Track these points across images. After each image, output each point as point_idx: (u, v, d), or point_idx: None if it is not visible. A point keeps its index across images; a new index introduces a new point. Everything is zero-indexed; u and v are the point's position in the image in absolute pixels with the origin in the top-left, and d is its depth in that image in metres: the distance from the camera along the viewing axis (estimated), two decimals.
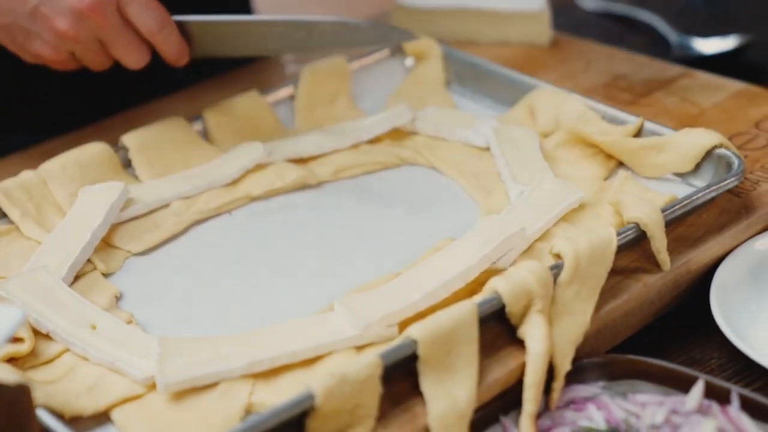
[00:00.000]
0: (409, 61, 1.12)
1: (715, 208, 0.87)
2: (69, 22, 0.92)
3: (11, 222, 0.90)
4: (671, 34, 1.27)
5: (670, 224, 0.83)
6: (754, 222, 0.86)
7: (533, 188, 0.87)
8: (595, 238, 0.78)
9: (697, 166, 0.90)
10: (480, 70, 1.07)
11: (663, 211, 0.82)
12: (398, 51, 1.12)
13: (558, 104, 0.98)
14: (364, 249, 0.87)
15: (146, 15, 0.93)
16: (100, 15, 0.91)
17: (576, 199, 0.86)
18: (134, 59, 0.96)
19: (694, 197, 0.83)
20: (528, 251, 0.82)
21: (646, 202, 0.82)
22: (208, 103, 1.04)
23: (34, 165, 0.94)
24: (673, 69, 1.10)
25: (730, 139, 0.96)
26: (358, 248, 0.87)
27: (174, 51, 0.96)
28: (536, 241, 0.83)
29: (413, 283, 0.77)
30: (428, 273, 0.78)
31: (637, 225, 0.80)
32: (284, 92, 1.06)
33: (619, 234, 0.79)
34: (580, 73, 1.11)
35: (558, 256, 0.78)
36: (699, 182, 0.90)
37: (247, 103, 1.02)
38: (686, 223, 0.85)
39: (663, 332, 0.82)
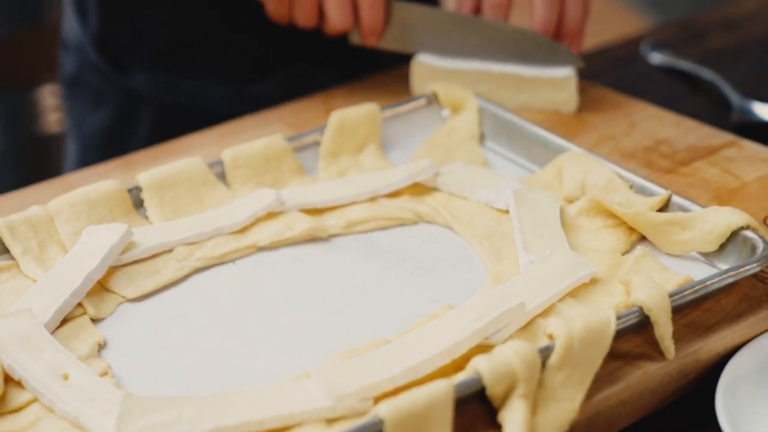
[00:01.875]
0: (446, 113, 1.09)
1: (735, 294, 0.82)
2: None
3: (13, 258, 0.89)
4: (734, 96, 1.21)
5: (681, 309, 0.78)
6: None
7: (543, 259, 0.83)
8: (592, 320, 0.74)
9: (723, 247, 0.85)
10: (514, 127, 1.03)
11: (672, 295, 0.77)
12: (434, 101, 1.09)
13: (586, 169, 0.94)
14: (361, 310, 0.83)
15: None
16: None
17: (586, 275, 0.82)
18: (339, 20, 1.07)
19: (709, 282, 0.79)
20: (528, 327, 0.78)
21: (654, 284, 0.77)
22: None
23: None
24: (722, 137, 1.05)
25: (765, 218, 0.91)
26: (356, 309, 0.84)
27: (374, 25, 1.08)
28: (538, 316, 0.79)
29: (397, 355, 0.73)
30: (415, 344, 0.74)
31: (641, 308, 0.76)
32: (313, 137, 1.03)
33: (620, 317, 0.75)
34: (622, 135, 1.06)
35: (551, 336, 0.74)
36: (723, 264, 0.85)
37: (269, 146, 1.00)
38: (702, 308, 0.81)
39: (665, 424, 0.78)
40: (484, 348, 0.75)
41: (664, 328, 0.76)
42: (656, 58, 1.35)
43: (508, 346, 0.72)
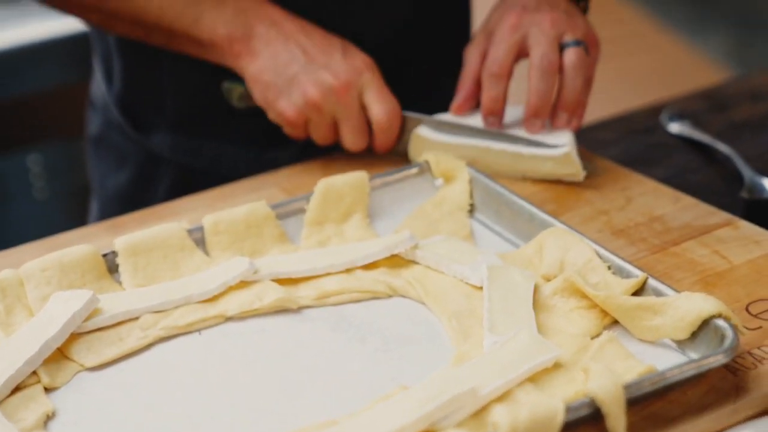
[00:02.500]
0: (439, 182, 1.07)
1: (703, 385, 0.79)
2: (319, 93, 1.06)
3: None
4: (746, 172, 1.18)
5: (640, 401, 0.75)
6: (741, 407, 0.77)
7: (506, 341, 0.81)
8: (538, 411, 0.71)
9: (695, 335, 0.82)
10: (502, 200, 1.01)
11: (630, 386, 0.74)
12: (427, 170, 1.08)
13: (566, 247, 0.92)
14: (319, 387, 0.82)
15: (379, 104, 1.08)
16: (346, 93, 1.07)
17: (548, 359, 0.79)
18: (355, 142, 1.10)
19: (669, 374, 0.76)
20: (482, 412, 0.76)
21: (610, 374, 0.75)
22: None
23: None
24: (719, 215, 1.01)
25: (749, 305, 0.88)
26: (314, 386, 0.82)
27: (387, 144, 1.11)
28: (494, 401, 0.77)
29: None
30: (359, 427, 0.73)
31: (593, 399, 0.73)
32: (298, 205, 1.02)
33: (571, 408, 0.72)
34: (616, 210, 1.04)
35: (495, 426, 0.71)
36: (694, 353, 0.82)
37: (251, 213, 0.99)
38: (665, 399, 0.78)
39: None
40: None
41: (616, 421, 0.73)
42: (675, 127, 1.32)
43: None
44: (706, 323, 0.81)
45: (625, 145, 1.29)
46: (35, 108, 2.15)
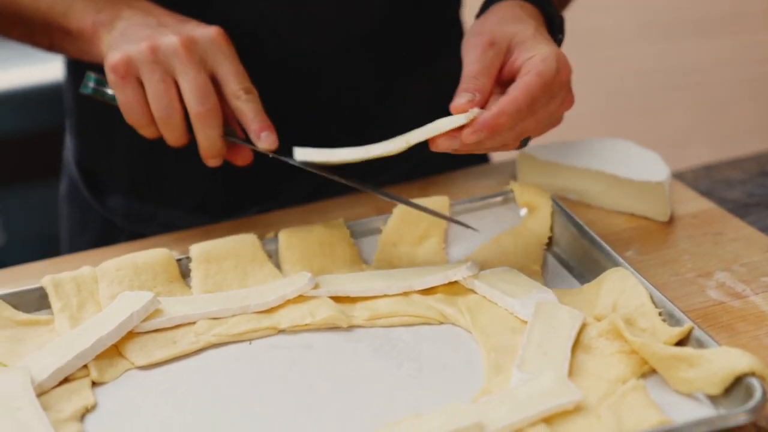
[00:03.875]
0: (523, 211, 1.07)
1: None
2: (153, 41, 0.96)
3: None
4: None
5: None
6: None
7: (529, 380, 0.80)
8: None
9: (728, 391, 0.78)
10: (577, 235, 0.99)
11: None
12: (512, 200, 1.07)
13: (623, 288, 0.90)
14: (339, 408, 0.83)
15: (230, 65, 0.98)
16: (186, 48, 0.96)
17: (567, 402, 0.78)
18: (198, 100, 0.96)
19: (675, 429, 0.73)
20: None
21: (616, 422, 0.73)
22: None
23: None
24: None
25: None
26: (336, 406, 0.83)
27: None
28: None
29: None
30: None
31: None
32: (375, 224, 1.04)
33: None
34: (700, 255, 1.00)
35: None
36: (726, 410, 0.78)
37: (325, 231, 1.01)
38: None
39: None
40: None
41: None
42: None
43: None
44: (739, 380, 0.77)
45: (752, 186, 1.24)
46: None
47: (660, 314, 0.87)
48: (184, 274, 0.99)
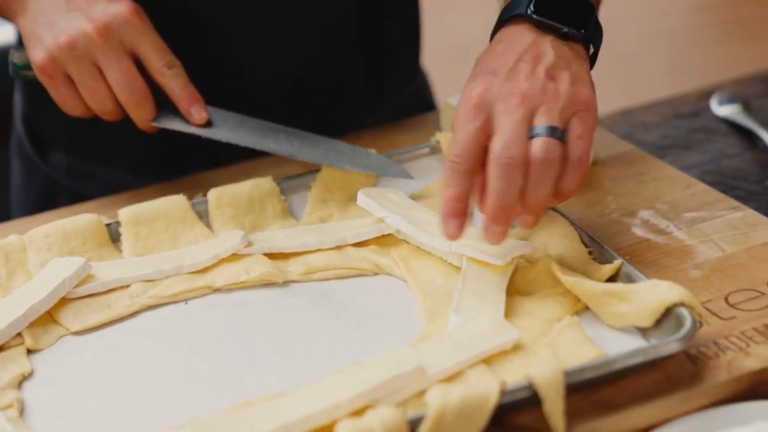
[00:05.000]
0: None
1: (658, 372, 0.78)
2: (69, 35, 0.97)
3: None
4: None
5: (584, 387, 0.75)
6: (692, 396, 0.76)
7: (466, 323, 0.81)
8: (471, 392, 0.72)
9: (659, 323, 0.80)
10: None
11: (572, 372, 0.74)
12: (439, 150, 1.08)
13: (552, 231, 0.91)
14: (280, 362, 0.84)
15: (152, 46, 0.99)
16: (103, 36, 0.97)
17: (504, 342, 0.79)
18: (128, 89, 0.99)
19: (614, 360, 0.75)
20: (425, 392, 0.76)
21: (552, 358, 0.74)
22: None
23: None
24: (726, 203, 0.99)
25: (729, 294, 0.86)
26: (276, 360, 0.84)
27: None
28: (444, 381, 0.77)
29: (276, 411, 0.73)
30: (299, 401, 0.74)
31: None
32: (304, 180, 1.04)
33: (507, 391, 0.73)
34: (623, 195, 1.02)
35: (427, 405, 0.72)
36: (657, 341, 0.80)
37: (255, 188, 1.01)
38: (617, 386, 0.77)
39: None
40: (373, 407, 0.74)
41: (552, 406, 0.73)
42: (723, 111, 1.29)
43: (376, 412, 0.71)
44: (670, 311, 0.80)
45: (666, 128, 1.27)
46: None
47: (590, 253, 0.89)
48: (114, 238, 0.98)
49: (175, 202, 1.00)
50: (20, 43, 1.06)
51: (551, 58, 0.86)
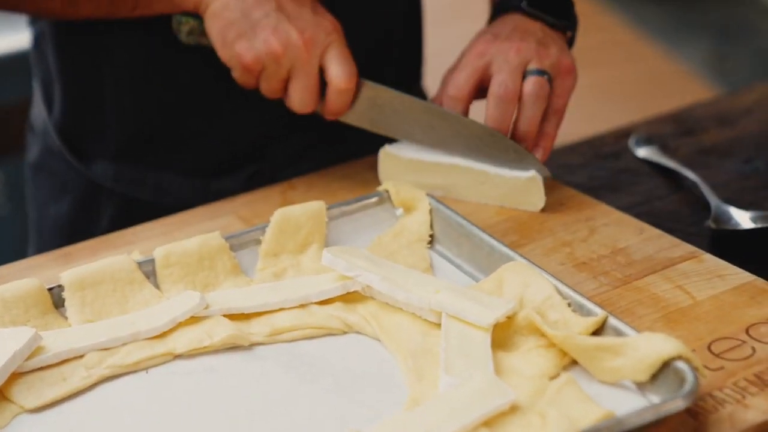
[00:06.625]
0: (399, 211, 1.05)
1: (662, 429, 0.76)
2: (282, 45, 1.02)
3: None
4: (712, 200, 1.15)
5: None
6: None
7: (461, 384, 0.78)
8: None
9: (656, 377, 0.79)
10: (462, 231, 0.99)
11: None
12: (387, 200, 1.05)
13: (526, 282, 0.89)
14: (264, 431, 0.79)
15: (340, 65, 1.04)
16: (308, 51, 1.03)
17: (503, 403, 0.77)
18: (304, 102, 1.06)
19: (625, 420, 0.73)
20: None
21: (566, 421, 0.72)
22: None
23: None
24: (683, 248, 0.99)
25: (711, 343, 0.86)
26: (258, 429, 0.79)
27: (339, 108, 1.07)
28: None
29: None
30: None
31: None
32: (253, 235, 1.00)
33: None
34: (579, 242, 1.01)
35: None
36: (655, 396, 0.79)
37: (204, 245, 0.96)
38: None
39: None
40: None
41: None
42: (642, 152, 1.30)
43: None
44: (666, 365, 0.78)
45: (591, 170, 1.27)
46: None
47: (569, 305, 0.87)
48: (57, 304, 0.92)
49: (120, 263, 0.94)
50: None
51: (540, 34, 1.08)
